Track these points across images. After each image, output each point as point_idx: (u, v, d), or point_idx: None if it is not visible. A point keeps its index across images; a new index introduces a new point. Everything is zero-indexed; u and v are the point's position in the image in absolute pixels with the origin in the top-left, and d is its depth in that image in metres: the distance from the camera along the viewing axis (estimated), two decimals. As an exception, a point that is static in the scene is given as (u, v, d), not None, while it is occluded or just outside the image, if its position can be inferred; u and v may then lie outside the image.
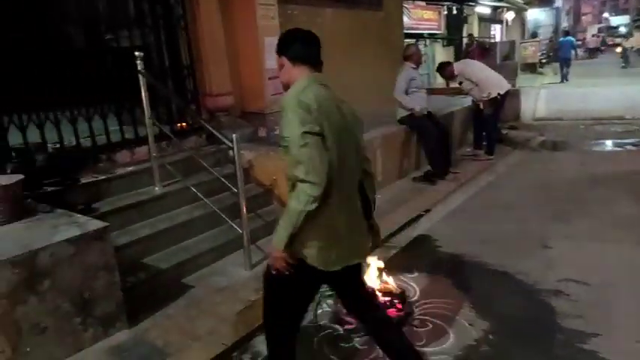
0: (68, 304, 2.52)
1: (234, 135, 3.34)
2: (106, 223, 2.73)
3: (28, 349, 2.38)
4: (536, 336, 2.62)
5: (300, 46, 2.02)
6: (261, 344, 2.67)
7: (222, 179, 3.71)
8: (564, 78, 17.11)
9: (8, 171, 3.06)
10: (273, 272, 1.90)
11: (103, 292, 2.66)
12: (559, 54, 18.34)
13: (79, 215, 2.88)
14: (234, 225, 3.57)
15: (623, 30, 48.16)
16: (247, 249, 3.48)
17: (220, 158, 4.56)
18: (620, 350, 2.42)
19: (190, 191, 3.88)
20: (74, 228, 2.63)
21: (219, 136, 3.55)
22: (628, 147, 7.18)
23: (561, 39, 19.58)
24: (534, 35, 28.39)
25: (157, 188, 3.84)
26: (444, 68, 6.48)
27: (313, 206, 1.75)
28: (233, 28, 5.11)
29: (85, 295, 2.58)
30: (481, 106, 6.29)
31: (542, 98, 13.01)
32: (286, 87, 2.01)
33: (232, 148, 3.36)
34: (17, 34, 3.62)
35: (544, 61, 24.36)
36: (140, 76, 3.76)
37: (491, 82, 6.22)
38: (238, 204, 3.52)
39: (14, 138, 3.61)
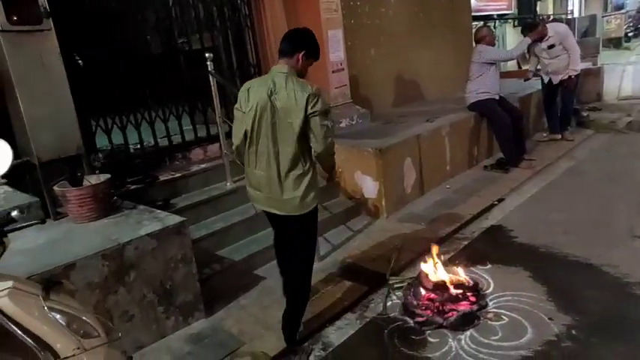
0: (152, 294, 2.71)
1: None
2: (183, 218, 2.89)
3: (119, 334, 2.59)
4: (624, 332, 2.43)
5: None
6: (331, 334, 2.73)
7: (290, 173, 3.78)
8: None
9: (97, 171, 3.33)
10: None
11: (182, 283, 2.83)
12: None
13: (159, 211, 3.08)
14: (302, 218, 3.63)
15: None
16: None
17: (287, 152, 4.66)
18: None
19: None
20: (155, 223, 2.82)
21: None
22: None
23: None
24: (619, 8, 25.99)
25: (228, 184, 4.01)
26: (534, 26, 5.87)
27: (232, 156, 2.69)
28: (297, 23, 5.15)
29: (167, 285, 2.76)
30: (565, 83, 5.85)
31: (628, 75, 11.91)
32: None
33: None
34: (103, 45, 3.91)
35: (631, 34, 22.26)
36: (210, 77, 3.92)
37: (578, 55, 5.81)
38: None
39: (100, 141, 3.93)
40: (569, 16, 18.89)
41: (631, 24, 22.02)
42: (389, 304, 2.96)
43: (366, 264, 3.45)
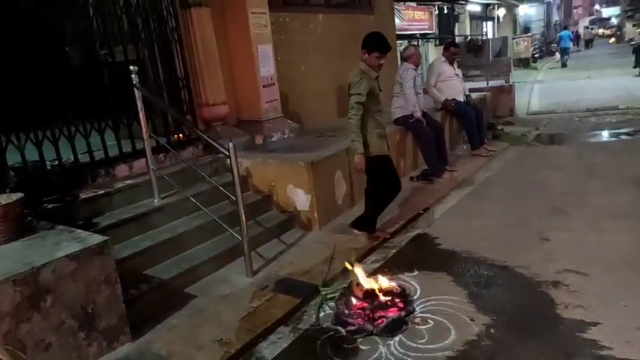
0: (72, 320, 2.54)
1: (230, 143, 3.37)
2: (106, 237, 2.75)
3: (33, 366, 2.40)
4: (536, 328, 2.64)
5: None
6: (265, 349, 2.71)
7: (221, 188, 3.74)
8: (564, 64, 20.89)
9: (7, 190, 3.09)
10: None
11: (105, 306, 2.69)
12: (560, 44, 22.19)
13: (79, 231, 2.91)
14: (233, 233, 3.60)
15: (614, 21, 48.34)
16: (248, 256, 3.51)
17: (218, 167, 4.61)
18: (619, 338, 2.44)
19: (189, 202, 3.92)
20: (75, 243, 2.66)
21: (216, 145, 3.59)
22: (623, 137, 7.22)
23: (561, 32, 23.09)
24: (526, 30, 28.53)
25: (156, 200, 3.88)
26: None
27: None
28: (226, 37, 5.18)
29: (89, 309, 2.61)
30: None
31: (536, 92, 13.08)
32: None
33: (229, 157, 3.39)
34: (16, 56, 3.66)
35: (537, 55, 24.47)
36: (135, 90, 3.80)
37: None
38: (237, 212, 3.55)
39: (12, 157, 3.65)
40: (484, 37, 20.37)
41: (537, 46, 24.25)
42: (322, 314, 3.00)
43: (300, 276, 3.47)
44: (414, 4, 14.47)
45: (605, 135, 7.57)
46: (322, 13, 6.69)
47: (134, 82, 3.81)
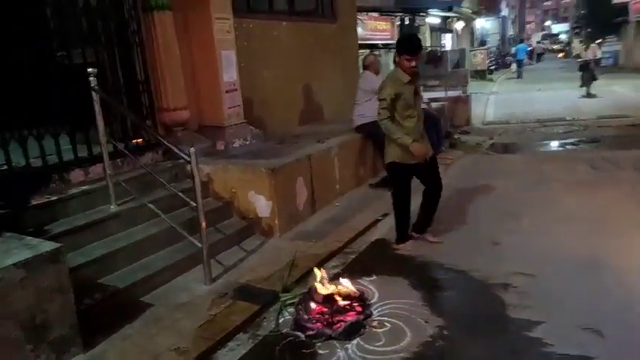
0: (18, 331, 2.44)
1: (191, 149, 3.35)
2: (59, 244, 2.68)
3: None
4: (487, 328, 2.77)
5: None
6: (223, 357, 2.70)
7: (180, 194, 3.70)
8: (519, 75, 22.42)
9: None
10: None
11: (57, 316, 2.60)
12: (516, 57, 23.82)
13: (30, 238, 2.81)
14: (193, 240, 3.57)
15: (564, 37, 50.94)
16: (207, 263, 3.48)
17: (178, 173, 4.56)
18: (563, 335, 2.58)
19: (147, 208, 3.85)
20: (25, 251, 2.57)
21: (176, 151, 3.55)
22: (568, 146, 7.65)
23: (518, 45, 25.02)
24: (483, 43, 29.64)
25: (112, 207, 3.80)
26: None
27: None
28: (189, 42, 5.14)
29: (37, 319, 2.52)
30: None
31: (491, 103, 13.60)
32: None
33: (190, 163, 3.36)
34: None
35: (493, 67, 25.48)
36: (93, 93, 3.72)
37: None
38: (197, 219, 3.53)
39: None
40: (443, 49, 21.03)
41: (493, 59, 25.28)
42: (281, 320, 3.01)
43: (259, 283, 3.48)
44: (376, 14, 14.78)
45: (553, 145, 7.99)
46: (286, 21, 6.75)
47: (92, 85, 3.73)
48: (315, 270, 3.20)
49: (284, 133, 6.02)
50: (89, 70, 3.75)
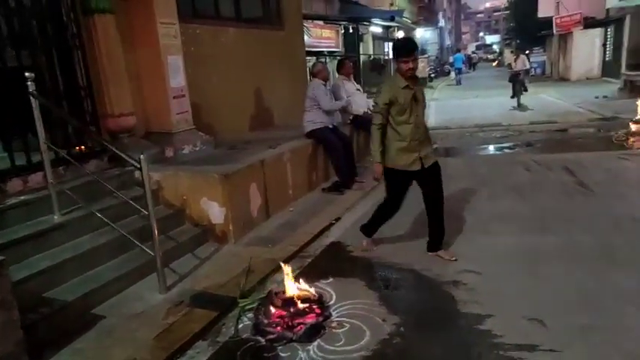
0: (-42, 350, 2.29)
1: (142, 155, 3.26)
2: (0, 257, 2.52)
3: None
4: (440, 323, 2.90)
5: None
6: (183, 365, 2.65)
7: (131, 202, 3.59)
8: (459, 82, 24.57)
9: None
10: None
11: (0, 333, 2.45)
12: (454, 65, 26.32)
13: (-33, 252, 2.63)
14: (145, 248, 3.47)
15: (496, 47, 54.04)
16: (161, 272, 3.40)
17: (125, 181, 4.41)
18: (510, 327, 2.76)
19: (94, 218, 3.70)
20: (-37, 265, 2.40)
21: (126, 158, 3.44)
22: (505, 150, 8.15)
23: (456, 55, 27.59)
24: (423, 52, 30.84)
25: (56, 217, 3.62)
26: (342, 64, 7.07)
27: None
28: (134, 46, 4.99)
29: (-20, 337, 2.36)
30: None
31: (432, 109, 14.17)
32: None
33: (140, 169, 3.27)
34: None
35: (433, 75, 26.61)
36: (32, 98, 3.52)
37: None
38: (147, 227, 3.44)
39: None
40: (386, 57, 21.68)
41: (432, 67, 26.43)
42: (240, 326, 3.00)
43: (216, 290, 3.43)
44: (321, 22, 15.00)
45: (491, 149, 8.47)
46: (233, 27, 6.72)
47: (30, 90, 3.54)
48: (284, 266, 3.20)
49: (234, 139, 5.97)
50: (27, 74, 3.55)
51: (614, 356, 2.44)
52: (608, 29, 19.97)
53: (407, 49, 3.37)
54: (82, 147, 4.53)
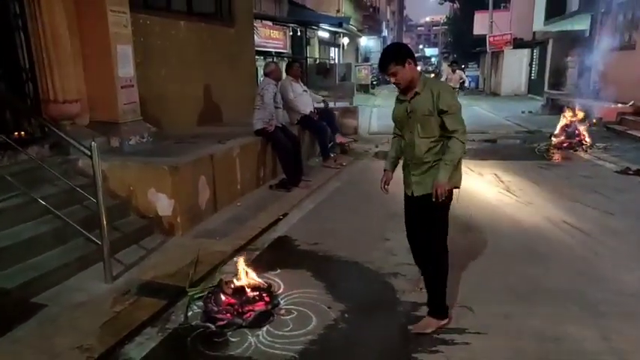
0: None
1: (92, 142, 3.22)
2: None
3: None
4: (381, 310, 3.12)
5: (411, 52, 2.80)
6: (132, 350, 2.67)
7: (79, 189, 3.53)
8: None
9: None
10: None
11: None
12: None
13: None
14: (91, 237, 3.42)
15: (434, 60, 56.56)
16: (107, 261, 3.37)
17: (67, 170, 4.29)
18: (442, 313, 3.03)
19: (34, 205, 3.60)
20: None
21: (76, 145, 3.38)
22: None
23: None
24: (366, 59, 31.72)
25: (-8, 202, 3.47)
26: (290, 67, 7.37)
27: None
28: (82, 32, 4.84)
29: None
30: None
31: (375, 115, 14.69)
32: (408, 82, 2.77)
33: (90, 157, 3.23)
34: None
35: (375, 82, 27.42)
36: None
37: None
38: (91, 216, 3.40)
39: None
40: (332, 62, 22.10)
41: (375, 74, 27.21)
42: (190, 314, 3.05)
43: (164, 280, 3.45)
44: (270, 23, 15.06)
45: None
46: (184, 20, 6.66)
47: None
48: (240, 259, 3.28)
49: (182, 134, 5.93)
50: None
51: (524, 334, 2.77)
52: (534, 50, 21.67)
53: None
54: (22, 133, 4.34)
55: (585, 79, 14.20)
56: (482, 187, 6.11)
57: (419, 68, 3.20)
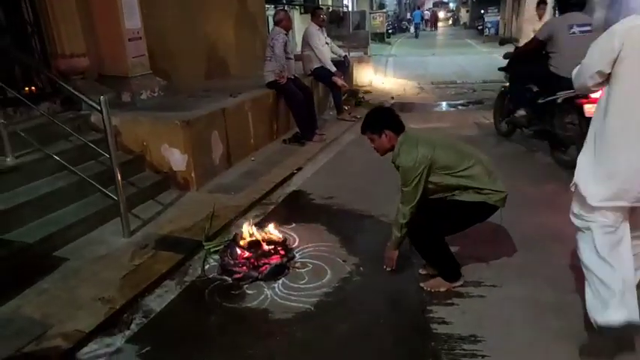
0: None
1: (102, 97, 3.17)
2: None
3: None
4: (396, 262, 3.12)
5: (392, 121, 2.75)
6: (152, 302, 2.74)
7: (92, 145, 3.52)
8: (416, 36, 28.28)
9: None
10: None
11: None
12: (414, 21, 31.29)
13: None
14: (108, 193, 3.45)
15: (452, 5, 54.07)
16: (124, 215, 3.40)
17: (80, 125, 4.28)
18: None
19: (49, 161, 3.61)
20: None
21: (85, 99, 3.34)
22: (459, 107, 8.44)
23: (415, 12, 32.87)
24: (381, 7, 30.53)
25: (8, 159, 3.49)
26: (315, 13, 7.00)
27: None
28: (84, -19, 4.68)
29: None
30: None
31: (390, 65, 14.29)
32: (386, 150, 2.80)
33: (101, 112, 3.19)
34: None
35: (390, 31, 26.47)
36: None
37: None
38: (106, 172, 3.40)
39: None
40: (345, 10, 21.26)
41: (390, 23, 26.28)
42: (207, 267, 3.10)
43: (181, 233, 3.49)
44: (280, -32, 14.42)
45: (444, 105, 8.74)
46: (190, -33, 6.39)
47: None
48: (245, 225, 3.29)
49: (191, 87, 5.84)
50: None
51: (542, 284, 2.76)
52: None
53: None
54: (32, 88, 4.30)
55: (615, 12, 13.46)
56: (499, 143, 5.95)
57: (441, 14, 3.05)
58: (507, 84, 5.86)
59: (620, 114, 1.93)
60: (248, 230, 3.20)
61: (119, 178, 3.32)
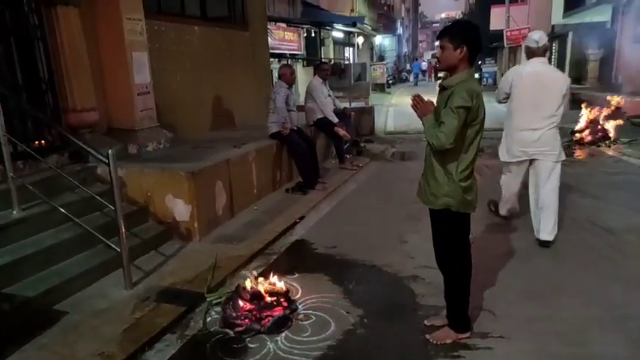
0: None
1: (110, 150, 3.25)
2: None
3: None
4: (400, 315, 3.08)
5: (475, 45, 2.48)
6: (152, 357, 2.69)
7: (97, 197, 3.57)
8: (416, 84, 30.51)
9: None
10: None
11: (-38, 328, 2.40)
12: (413, 71, 33.97)
13: None
14: (111, 244, 3.46)
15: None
16: (127, 267, 3.40)
17: (86, 177, 4.36)
18: (463, 317, 2.97)
19: (54, 213, 3.66)
20: None
21: (93, 153, 3.42)
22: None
23: (414, 63, 35.99)
24: (381, 58, 31.60)
25: (15, 212, 3.54)
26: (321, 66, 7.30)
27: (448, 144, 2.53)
28: (98, 41, 4.93)
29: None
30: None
31: (391, 115, 14.59)
32: (447, 67, 2.54)
33: (108, 164, 3.26)
34: None
35: (390, 81, 27.26)
36: (-10, 89, 3.44)
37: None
38: (111, 223, 3.42)
39: None
40: (347, 62, 22.01)
41: (390, 73, 27.13)
42: (208, 319, 3.06)
43: (183, 285, 3.47)
44: (284, 24, 15.09)
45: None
46: (198, 25, 6.71)
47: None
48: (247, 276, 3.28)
49: (197, 138, 5.97)
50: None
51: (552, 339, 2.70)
52: (554, 44, 21.24)
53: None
54: (42, 142, 4.42)
55: (607, 72, 13.87)
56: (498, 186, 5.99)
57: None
58: None
59: (516, 109, 4.05)
60: (250, 281, 3.18)
61: (123, 230, 3.35)
